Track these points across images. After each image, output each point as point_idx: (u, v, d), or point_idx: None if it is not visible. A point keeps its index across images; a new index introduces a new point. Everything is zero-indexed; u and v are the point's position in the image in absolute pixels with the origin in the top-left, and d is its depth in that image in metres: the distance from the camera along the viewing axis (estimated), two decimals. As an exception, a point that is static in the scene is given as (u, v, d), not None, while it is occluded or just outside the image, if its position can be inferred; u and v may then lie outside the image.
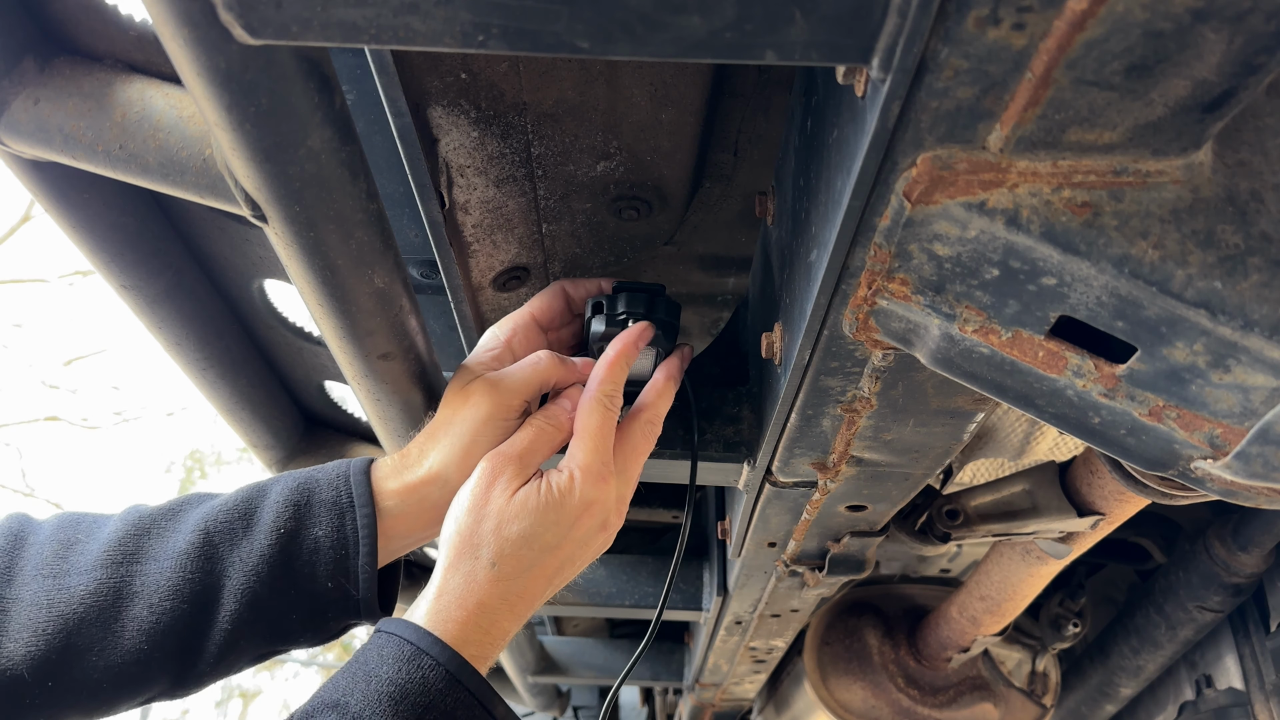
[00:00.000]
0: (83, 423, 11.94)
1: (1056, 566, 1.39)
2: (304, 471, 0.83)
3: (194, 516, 0.77)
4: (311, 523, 0.78)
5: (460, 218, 0.94)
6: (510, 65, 0.80)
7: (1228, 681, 1.68)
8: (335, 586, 0.78)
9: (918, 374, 0.75)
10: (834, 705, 1.91)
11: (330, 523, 0.78)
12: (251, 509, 0.78)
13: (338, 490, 0.80)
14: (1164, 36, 0.42)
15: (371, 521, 0.79)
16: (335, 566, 0.78)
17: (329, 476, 0.81)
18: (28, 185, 0.84)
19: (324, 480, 0.81)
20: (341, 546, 0.78)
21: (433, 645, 0.72)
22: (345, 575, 0.78)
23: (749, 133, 1.00)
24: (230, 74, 0.52)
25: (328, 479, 0.81)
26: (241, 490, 0.80)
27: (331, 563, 0.78)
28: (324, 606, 0.78)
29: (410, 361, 0.88)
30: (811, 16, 0.44)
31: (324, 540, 0.78)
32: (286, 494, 0.79)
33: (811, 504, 1.09)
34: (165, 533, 0.76)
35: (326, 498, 0.79)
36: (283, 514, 0.77)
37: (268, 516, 0.77)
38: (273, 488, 0.80)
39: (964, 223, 0.53)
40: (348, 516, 0.78)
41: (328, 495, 0.79)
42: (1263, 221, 0.49)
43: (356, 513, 0.79)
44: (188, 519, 0.77)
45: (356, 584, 0.78)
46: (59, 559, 0.73)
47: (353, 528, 0.78)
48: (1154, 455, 0.57)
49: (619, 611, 1.92)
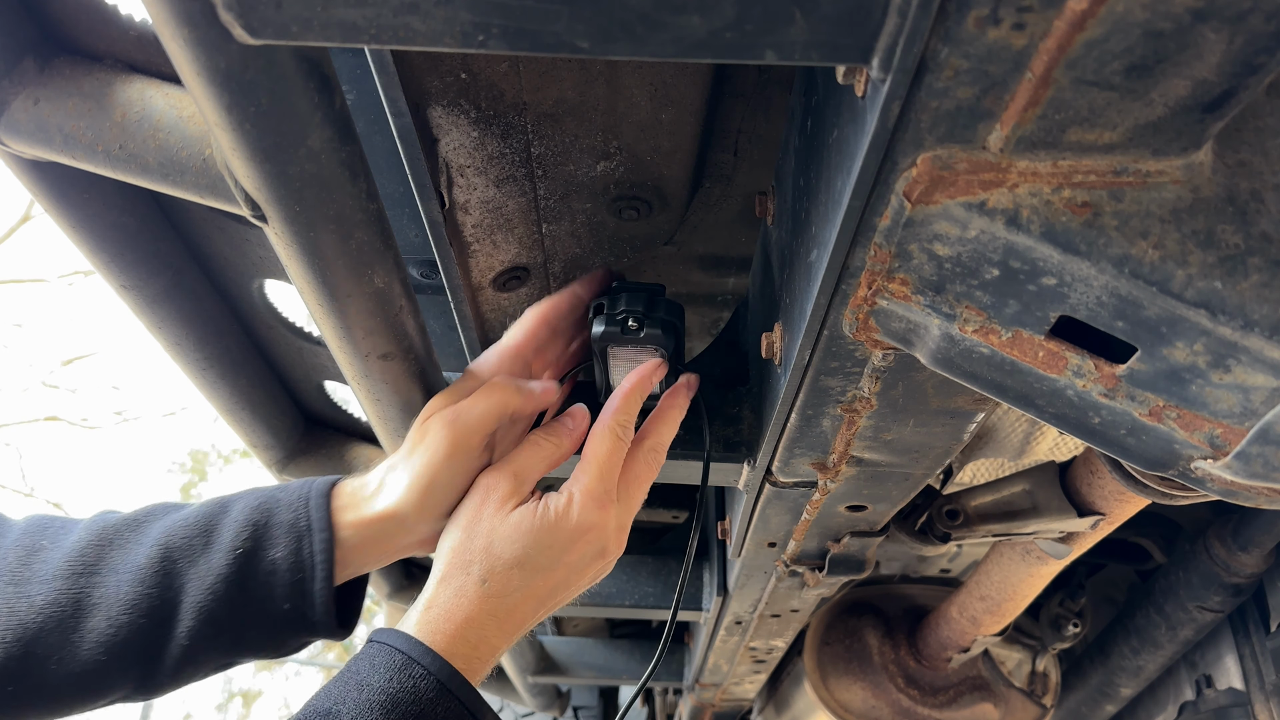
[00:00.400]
0: (83, 423, 11.94)
1: (1056, 566, 1.39)
2: (266, 490, 0.82)
3: (156, 530, 0.77)
4: (270, 544, 0.78)
5: (460, 218, 0.94)
6: (510, 65, 0.80)
7: (1228, 681, 1.68)
8: (292, 607, 0.78)
9: (918, 374, 0.75)
10: (834, 705, 1.91)
11: (288, 545, 0.78)
12: (212, 526, 0.78)
13: (296, 513, 0.79)
14: (1164, 36, 0.42)
15: (329, 547, 0.78)
16: (292, 589, 0.78)
17: (289, 498, 0.81)
18: (28, 185, 0.84)
19: (284, 501, 0.80)
20: (298, 569, 0.78)
21: (424, 655, 0.73)
22: (302, 598, 0.78)
23: (749, 133, 1.00)
24: (230, 74, 0.52)
25: (288, 500, 0.80)
26: (204, 505, 0.80)
27: (288, 585, 0.78)
28: (281, 625, 0.78)
29: (410, 361, 0.88)
30: (811, 16, 0.44)
31: (281, 562, 0.78)
32: (247, 513, 0.79)
33: (811, 504, 1.09)
34: (126, 545, 0.76)
35: (285, 519, 0.79)
36: (241, 533, 0.77)
37: (227, 535, 0.77)
38: (234, 505, 0.80)
39: (964, 223, 0.53)
40: (305, 540, 0.78)
41: (286, 517, 0.79)
42: (1263, 221, 0.49)
43: (314, 537, 0.78)
44: (149, 532, 0.77)
45: (313, 606, 0.78)
46: (21, 566, 0.73)
47: (309, 552, 0.78)
48: (1154, 455, 0.57)
49: (619, 611, 1.92)
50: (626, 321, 0.90)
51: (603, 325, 0.91)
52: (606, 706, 3.74)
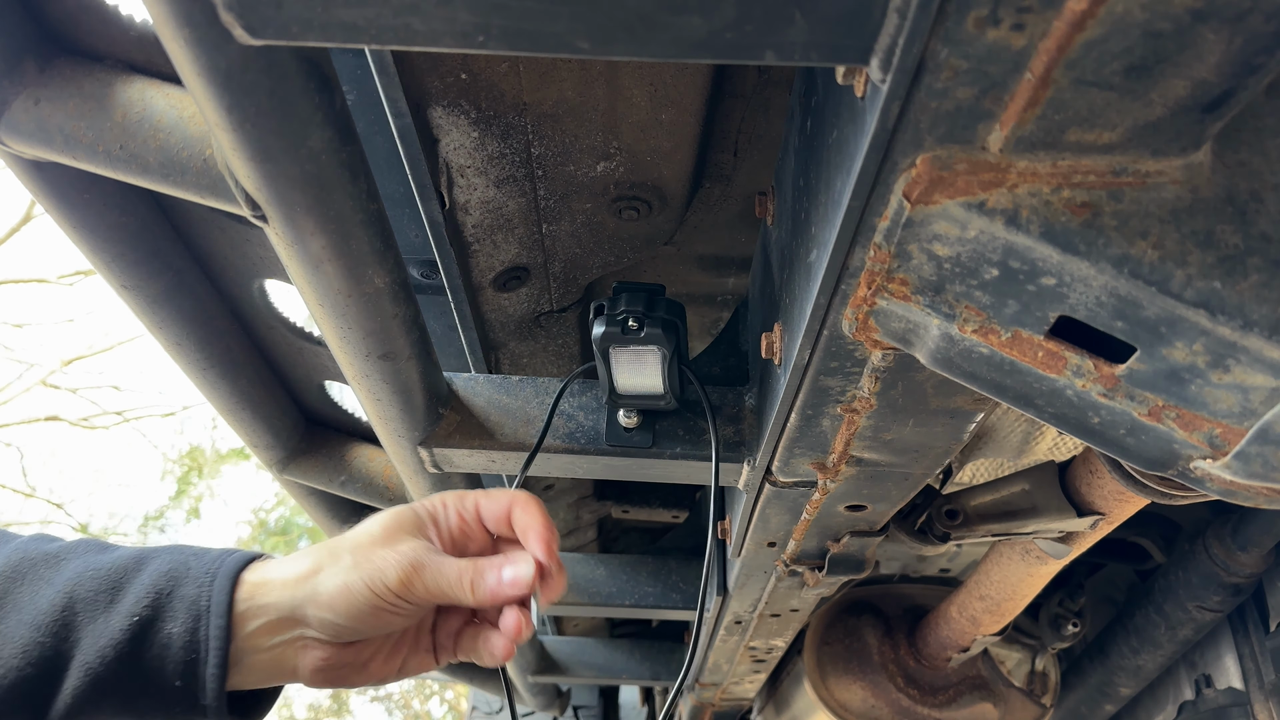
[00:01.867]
0: (83, 423, 11.94)
1: (1056, 566, 1.39)
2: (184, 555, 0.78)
3: (69, 572, 0.74)
4: (168, 616, 0.74)
5: (460, 218, 0.94)
6: (510, 65, 0.80)
7: (1227, 681, 1.68)
8: (184, 686, 0.74)
9: (917, 374, 0.75)
10: (834, 705, 1.91)
11: (185, 623, 0.74)
12: (121, 584, 0.75)
13: (200, 589, 0.75)
14: (1163, 37, 0.42)
15: (224, 634, 0.74)
16: (185, 667, 0.74)
17: (200, 569, 0.77)
18: (28, 185, 0.84)
19: (194, 573, 0.76)
20: (192, 649, 0.74)
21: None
22: (194, 679, 0.74)
23: (749, 133, 1.00)
24: (230, 74, 0.53)
25: (197, 574, 0.77)
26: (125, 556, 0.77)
27: (181, 663, 0.74)
28: (171, 703, 0.75)
29: (410, 361, 0.88)
30: (811, 17, 0.44)
31: (177, 639, 0.74)
32: (154, 578, 0.75)
33: (811, 504, 1.09)
34: (37, 582, 0.73)
35: (189, 594, 0.75)
36: (142, 599, 0.74)
37: (130, 598, 0.74)
38: (149, 564, 0.77)
39: (964, 223, 0.53)
40: (202, 621, 0.74)
41: (190, 591, 0.75)
42: (1262, 221, 0.49)
43: (211, 621, 0.74)
44: (63, 572, 0.74)
45: (204, 690, 0.74)
46: None
47: (204, 635, 0.74)
48: (1153, 455, 0.57)
49: (619, 611, 1.92)
50: (627, 321, 0.90)
51: (604, 326, 0.91)
52: (606, 706, 3.74)
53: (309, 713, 13.76)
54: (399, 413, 0.94)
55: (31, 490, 12.18)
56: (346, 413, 1.43)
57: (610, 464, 1.07)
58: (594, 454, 1.04)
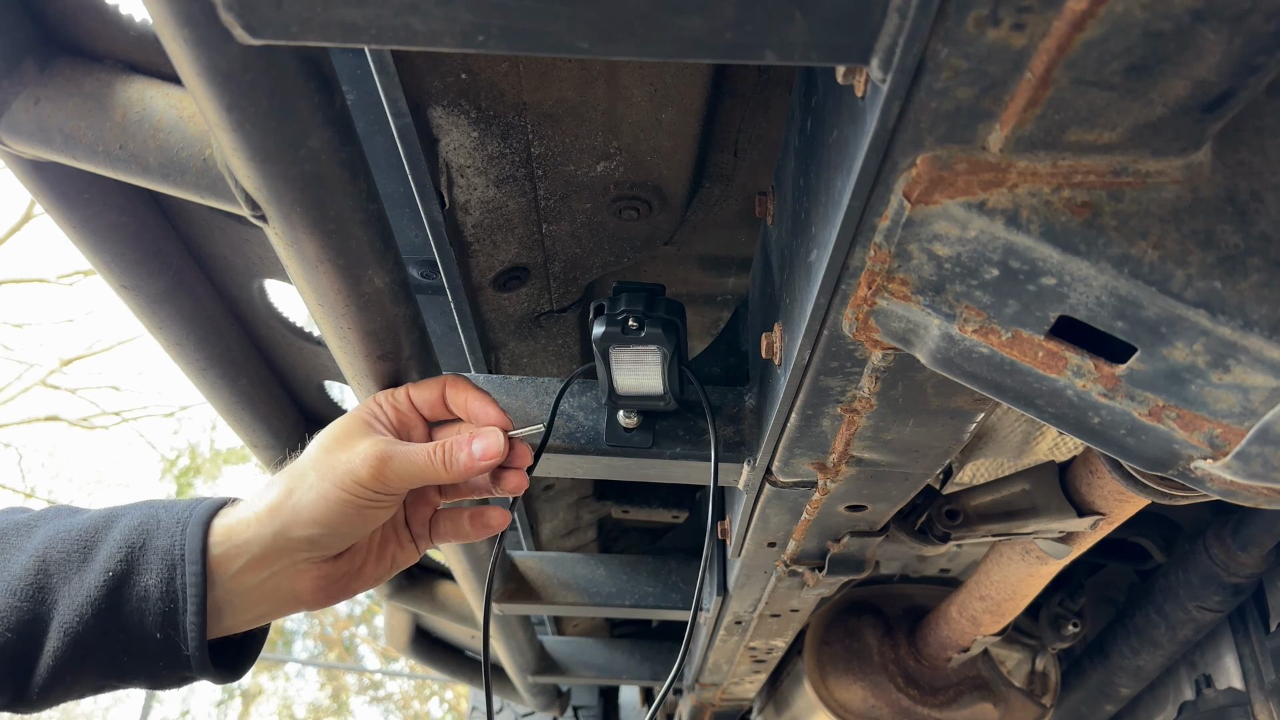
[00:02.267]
0: (82, 423, 11.94)
1: (1056, 566, 1.40)
2: (152, 508, 0.78)
3: (40, 537, 0.74)
4: (143, 569, 0.74)
5: (460, 218, 0.94)
6: (510, 65, 0.80)
7: (1227, 681, 1.68)
8: (165, 639, 0.75)
9: (917, 374, 0.75)
10: (834, 705, 1.91)
11: (161, 574, 0.74)
12: (93, 542, 0.74)
13: (172, 539, 0.75)
14: (1163, 37, 0.42)
15: (200, 580, 0.74)
16: (164, 619, 0.74)
17: (170, 520, 0.77)
18: (28, 185, 0.84)
19: (164, 524, 0.76)
20: (170, 599, 0.74)
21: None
22: (174, 629, 0.74)
23: (749, 133, 1.00)
24: (230, 74, 0.53)
25: (168, 524, 0.76)
26: (93, 517, 0.77)
27: (160, 614, 0.74)
28: (154, 656, 0.75)
29: (410, 361, 0.88)
30: (811, 17, 0.44)
31: (153, 590, 0.74)
32: (126, 533, 0.75)
33: (811, 504, 1.09)
34: (9, 550, 0.73)
35: (161, 544, 0.75)
36: (115, 555, 0.74)
37: (103, 555, 0.74)
38: (118, 521, 0.76)
39: (964, 223, 0.53)
40: (178, 570, 0.74)
41: (163, 543, 0.75)
42: (1262, 221, 0.49)
43: (186, 569, 0.74)
44: (34, 538, 0.74)
45: (185, 640, 0.75)
46: None
47: (181, 583, 0.74)
48: (1154, 455, 0.57)
49: (619, 611, 1.92)
50: (627, 321, 0.90)
51: (604, 326, 0.91)
52: (606, 706, 3.75)
53: (309, 712, 13.77)
54: (399, 413, 0.94)
55: (31, 490, 12.18)
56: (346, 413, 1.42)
57: (610, 464, 1.07)
58: (594, 454, 1.04)
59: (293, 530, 0.77)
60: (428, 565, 2.10)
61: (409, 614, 2.33)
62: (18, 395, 11.18)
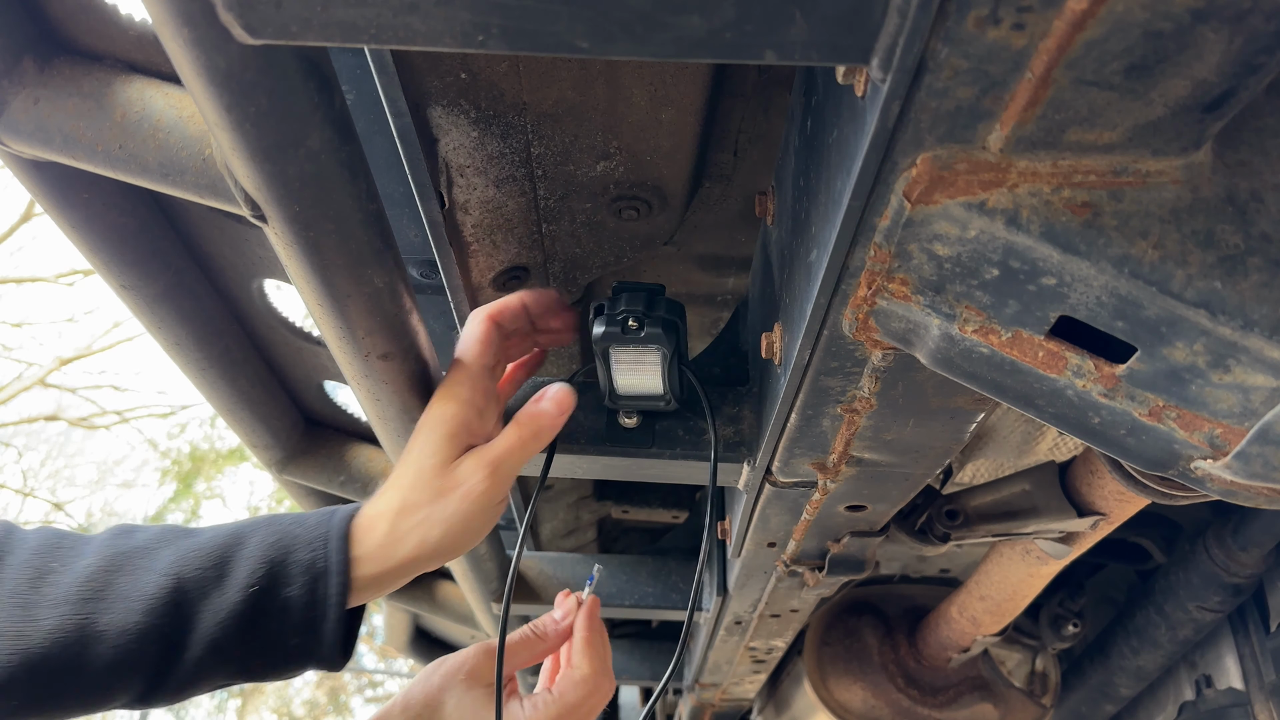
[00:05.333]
0: (82, 422, 11.94)
1: (1056, 566, 1.39)
2: (282, 523, 0.83)
3: (167, 557, 0.77)
4: (285, 582, 0.79)
5: (460, 218, 0.94)
6: (510, 65, 0.80)
7: (1227, 681, 1.68)
8: (301, 643, 0.80)
9: (918, 374, 0.75)
10: (834, 705, 1.91)
11: (304, 585, 0.79)
12: (226, 559, 0.78)
13: (315, 553, 0.80)
14: (1164, 36, 0.42)
15: (343, 589, 0.80)
16: (303, 626, 0.79)
17: (308, 535, 0.81)
18: (28, 185, 0.84)
19: (302, 539, 0.81)
20: (312, 609, 0.79)
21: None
22: (312, 635, 0.80)
23: (749, 133, 1.00)
24: (230, 74, 0.52)
25: (306, 538, 0.81)
26: (217, 534, 0.81)
27: (300, 623, 0.79)
28: (286, 657, 0.80)
29: (410, 361, 0.88)
30: (811, 16, 0.44)
31: (295, 601, 0.79)
32: (263, 549, 0.79)
33: (811, 504, 1.09)
34: (136, 572, 0.76)
35: (303, 559, 0.80)
36: (257, 570, 0.78)
37: (242, 571, 0.78)
38: (249, 538, 0.80)
39: (964, 223, 0.53)
40: (321, 582, 0.80)
41: (304, 557, 0.80)
42: (1263, 221, 0.49)
43: (330, 580, 0.80)
44: (160, 559, 0.77)
45: (321, 643, 0.80)
46: (31, 589, 0.74)
47: (323, 594, 0.80)
48: (1154, 455, 0.57)
49: (619, 611, 1.92)
50: (627, 321, 0.90)
51: (603, 326, 0.91)
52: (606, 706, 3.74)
53: (307, 711, 13.76)
54: (399, 413, 0.94)
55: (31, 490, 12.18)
56: (346, 413, 1.42)
57: (610, 464, 1.07)
58: (594, 454, 1.04)
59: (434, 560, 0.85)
60: (429, 566, 2.10)
61: (408, 614, 2.33)
62: (18, 395, 11.18)
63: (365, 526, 0.83)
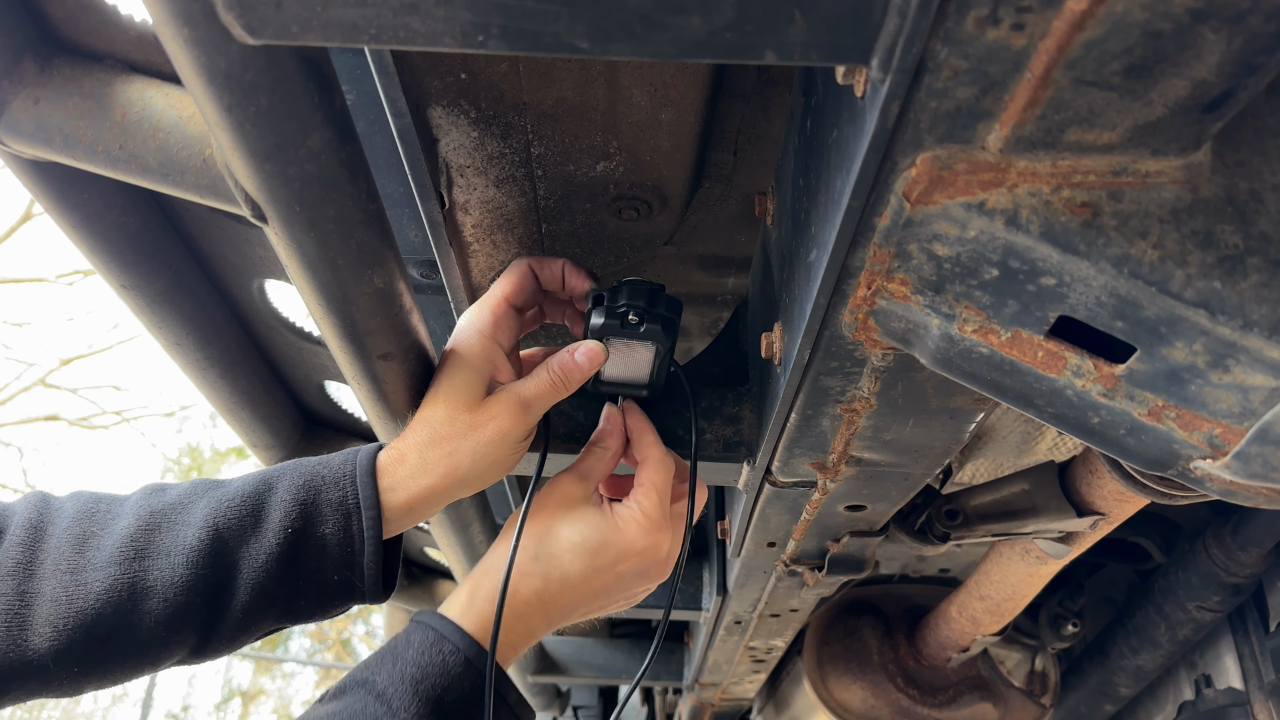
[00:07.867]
0: (82, 422, 11.94)
1: (1056, 566, 1.40)
2: (309, 466, 0.85)
3: (202, 509, 0.80)
4: (319, 522, 0.81)
5: (460, 218, 0.94)
6: (510, 65, 0.80)
7: (1227, 681, 1.68)
8: (341, 579, 0.83)
9: (917, 374, 0.75)
10: (833, 705, 1.91)
11: (337, 523, 0.82)
12: (260, 505, 0.81)
13: (344, 491, 0.83)
14: (1163, 37, 0.42)
15: (376, 522, 0.82)
16: (341, 562, 0.82)
17: (335, 475, 0.84)
18: (28, 185, 0.84)
19: (330, 479, 0.83)
20: (348, 544, 0.82)
21: (455, 633, 0.82)
22: (350, 569, 0.82)
23: (749, 133, 1.00)
24: (230, 74, 0.53)
25: (334, 478, 0.83)
26: (247, 483, 0.83)
27: (338, 559, 0.82)
28: (330, 594, 0.83)
29: (410, 361, 0.88)
30: (811, 17, 0.44)
31: (330, 538, 0.81)
32: (294, 492, 0.82)
33: (811, 504, 1.09)
34: (175, 527, 0.79)
35: (333, 498, 0.82)
36: (290, 513, 0.80)
37: (276, 515, 0.80)
38: (279, 483, 0.83)
39: (963, 223, 0.53)
40: (354, 518, 0.82)
41: (334, 495, 0.82)
42: (1262, 221, 0.49)
43: (363, 515, 0.82)
44: (195, 512, 0.80)
45: (361, 577, 0.83)
46: (76, 554, 0.76)
47: (358, 528, 0.82)
48: (1153, 455, 0.57)
49: (618, 611, 1.92)
50: (627, 315, 0.90)
51: (602, 317, 0.91)
52: (606, 706, 3.74)
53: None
54: (399, 413, 0.94)
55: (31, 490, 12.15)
56: (346, 413, 1.43)
57: (610, 464, 1.07)
58: (593, 454, 1.04)
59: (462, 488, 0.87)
60: (428, 565, 2.10)
61: (409, 614, 2.33)
62: (18, 395, 11.17)
63: (394, 459, 0.85)
